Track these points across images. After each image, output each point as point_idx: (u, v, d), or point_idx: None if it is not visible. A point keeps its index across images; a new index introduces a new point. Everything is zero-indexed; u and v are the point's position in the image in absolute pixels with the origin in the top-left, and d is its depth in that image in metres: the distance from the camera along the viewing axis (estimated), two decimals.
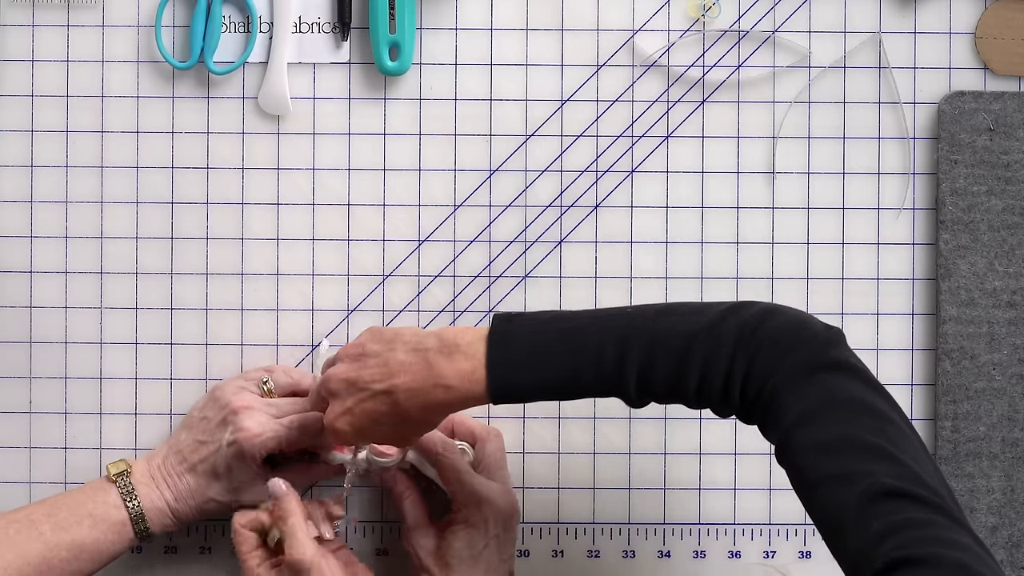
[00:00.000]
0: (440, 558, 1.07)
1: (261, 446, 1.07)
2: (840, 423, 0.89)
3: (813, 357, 0.92)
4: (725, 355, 0.93)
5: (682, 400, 0.95)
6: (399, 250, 1.16)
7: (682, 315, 0.95)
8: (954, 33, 1.16)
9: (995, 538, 1.14)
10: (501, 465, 1.11)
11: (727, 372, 0.93)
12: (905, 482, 0.86)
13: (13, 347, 1.16)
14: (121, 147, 1.16)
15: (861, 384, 0.91)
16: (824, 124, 1.16)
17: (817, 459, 0.88)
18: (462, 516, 1.07)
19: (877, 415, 0.90)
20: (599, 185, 1.16)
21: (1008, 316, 1.14)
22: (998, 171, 1.14)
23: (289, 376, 1.13)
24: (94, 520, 1.07)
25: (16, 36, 1.16)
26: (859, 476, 0.86)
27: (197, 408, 1.12)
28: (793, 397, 0.91)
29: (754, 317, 0.94)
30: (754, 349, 0.92)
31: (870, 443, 0.88)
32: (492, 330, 0.97)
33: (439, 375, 0.97)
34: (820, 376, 0.91)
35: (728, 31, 1.16)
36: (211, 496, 1.09)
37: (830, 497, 0.87)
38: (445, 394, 0.97)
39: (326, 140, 1.16)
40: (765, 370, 0.92)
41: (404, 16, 1.13)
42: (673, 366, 0.94)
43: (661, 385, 0.94)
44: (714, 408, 0.95)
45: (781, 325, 0.93)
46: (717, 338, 0.93)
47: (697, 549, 1.16)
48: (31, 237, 1.16)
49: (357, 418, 1.00)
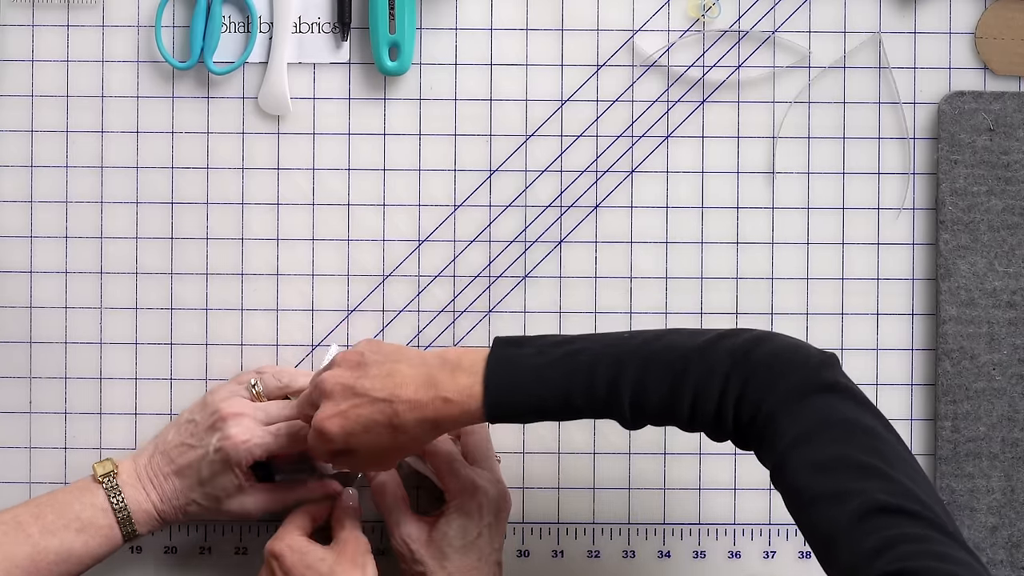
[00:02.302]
0: (434, 547, 1.07)
1: (247, 453, 1.07)
2: (834, 443, 0.90)
3: (806, 380, 0.93)
4: (718, 378, 0.94)
5: (676, 423, 0.97)
6: (399, 250, 1.16)
7: (677, 339, 0.97)
8: (954, 33, 1.16)
9: (995, 538, 1.14)
10: (488, 455, 1.11)
11: (720, 395, 0.94)
12: (898, 498, 0.86)
13: (13, 347, 1.16)
14: (121, 147, 1.16)
15: (854, 404, 0.92)
16: (824, 124, 1.16)
17: (811, 479, 0.89)
18: (456, 504, 1.07)
19: (870, 434, 0.91)
20: (599, 185, 1.16)
21: (1008, 316, 1.14)
22: (998, 171, 1.14)
23: (279, 379, 1.12)
24: (81, 523, 1.07)
25: (16, 36, 1.16)
26: (853, 494, 0.87)
27: (188, 410, 1.12)
28: (788, 420, 0.92)
29: (747, 342, 0.95)
30: (748, 373, 0.93)
31: (863, 462, 0.89)
32: (492, 350, 0.99)
33: (440, 389, 0.98)
34: (813, 398, 0.92)
35: (728, 31, 1.16)
36: (193, 499, 1.09)
37: (823, 515, 0.88)
38: (444, 407, 0.98)
39: (326, 140, 1.16)
40: (759, 394, 0.93)
41: (404, 16, 1.14)
42: (667, 388, 0.95)
43: (654, 407, 0.96)
44: (708, 432, 0.96)
45: (774, 350, 0.94)
46: (710, 361, 0.94)
47: (697, 549, 1.16)
48: (31, 237, 1.16)
49: (349, 422, 1.00)
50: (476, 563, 1.07)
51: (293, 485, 1.12)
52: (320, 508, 1.11)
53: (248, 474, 1.09)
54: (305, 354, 1.16)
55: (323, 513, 1.11)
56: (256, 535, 1.16)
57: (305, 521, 1.10)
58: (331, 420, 1.00)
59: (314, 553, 1.07)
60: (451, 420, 0.98)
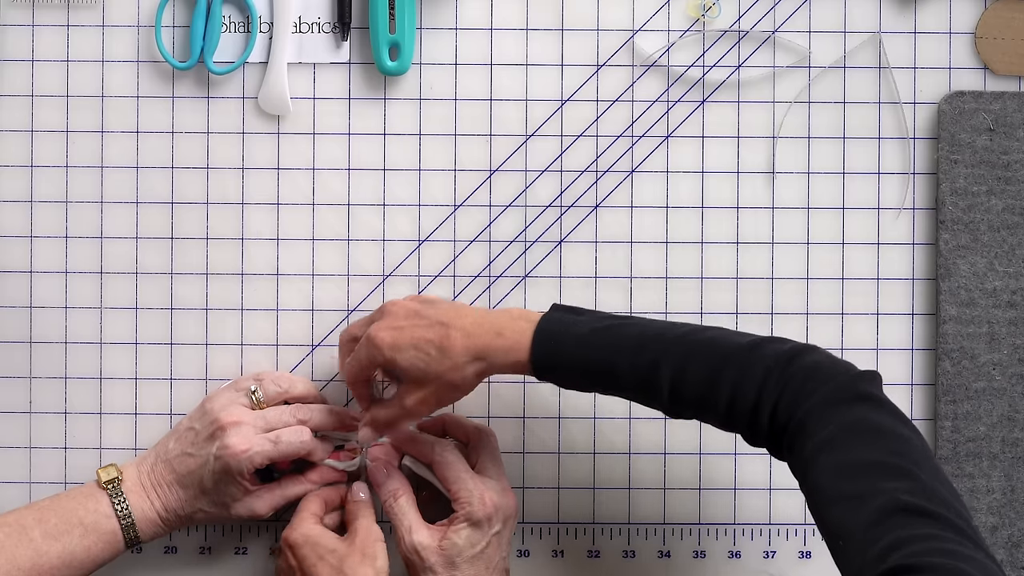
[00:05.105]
0: (443, 556, 1.07)
1: (247, 462, 1.07)
2: (862, 447, 0.91)
3: (842, 389, 0.94)
4: (758, 379, 0.96)
5: (714, 418, 0.98)
6: (399, 250, 1.16)
7: (723, 335, 0.99)
8: (954, 33, 1.16)
9: (995, 538, 1.14)
10: (497, 464, 1.11)
11: (758, 396, 0.96)
12: (919, 498, 0.87)
13: (13, 347, 1.16)
14: (121, 147, 1.16)
15: (888, 415, 0.94)
16: (824, 124, 1.16)
17: (835, 479, 0.90)
18: (465, 513, 1.07)
19: (900, 438, 0.92)
20: (599, 185, 1.16)
21: (1008, 316, 1.14)
22: (998, 171, 1.14)
23: (278, 385, 1.12)
24: (85, 529, 1.07)
25: (16, 36, 1.16)
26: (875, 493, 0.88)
27: (188, 418, 1.12)
28: (819, 424, 0.93)
29: (791, 350, 0.97)
30: (787, 378, 0.95)
31: (890, 463, 0.90)
32: (550, 311, 1.03)
33: (497, 325, 1.02)
34: (846, 407, 0.93)
35: (728, 31, 1.16)
36: (199, 507, 1.09)
37: (845, 515, 0.89)
38: (495, 340, 1.01)
39: (326, 140, 1.16)
40: (796, 399, 0.95)
41: (404, 16, 1.14)
42: (706, 379, 0.97)
43: (692, 396, 0.98)
44: (744, 433, 0.98)
45: (817, 361, 0.96)
46: (753, 362, 0.96)
47: (697, 549, 1.16)
48: (31, 237, 1.16)
49: (403, 336, 1.03)
50: (484, 571, 1.07)
51: (297, 478, 1.12)
52: (331, 492, 1.12)
53: (251, 479, 1.09)
54: (305, 354, 1.16)
55: (334, 497, 1.12)
56: (256, 535, 1.16)
57: (318, 507, 1.11)
58: (385, 331, 1.04)
59: (326, 543, 1.08)
60: (500, 354, 1.01)
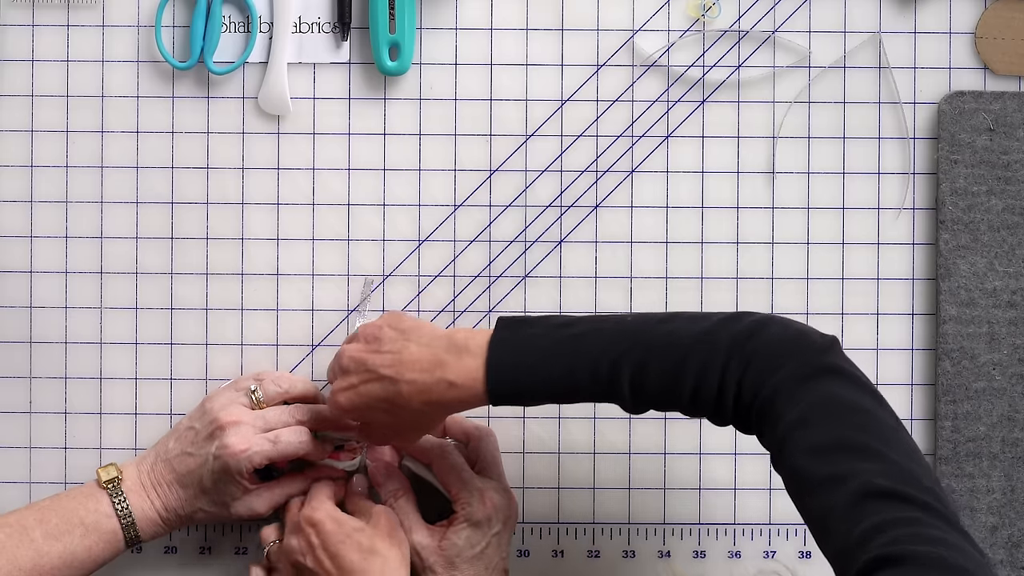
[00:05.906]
0: (443, 556, 1.07)
1: (247, 461, 1.07)
2: (832, 426, 0.90)
3: (806, 364, 0.93)
4: (720, 362, 0.94)
5: (677, 407, 0.97)
6: (399, 250, 1.16)
7: (680, 323, 0.97)
8: (954, 33, 1.16)
9: (995, 538, 1.14)
10: (496, 464, 1.11)
11: (721, 379, 0.94)
12: (894, 481, 0.87)
13: (13, 347, 1.16)
14: (121, 147, 1.16)
15: (853, 387, 0.93)
16: (824, 124, 1.16)
17: (809, 462, 0.89)
18: (465, 514, 1.08)
19: (869, 415, 0.91)
20: (599, 185, 1.16)
21: (1008, 316, 1.14)
22: (998, 171, 1.14)
23: (278, 385, 1.12)
24: (85, 529, 1.07)
25: (16, 36, 1.16)
26: (849, 477, 0.88)
27: (187, 417, 1.12)
28: (788, 403, 0.92)
29: (750, 326, 0.95)
30: (749, 357, 0.94)
31: (861, 444, 0.89)
32: (495, 333, 0.99)
33: (445, 372, 0.99)
34: (813, 381, 0.92)
35: (728, 31, 1.16)
36: (199, 507, 1.09)
37: (820, 499, 0.88)
38: (449, 391, 0.99)
39: (326, 140, 1.16)
40: (760, 377, 0.93)
41: (404, 16, 1.14)
42: (668, 371, 0.95)
43: (655, 390, 0.96)
44: (710, 416, 0.97)
45: (777, 334, 0.95)
46: (712, 345, 0.95)
47: (697, 549, 1.16)
48: (31, 237, 1.16)
49: (358, 396, 1.02)
50: (484, 572, 1.07)
51: (296, 475, 1.12)
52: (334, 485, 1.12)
53: (251, 478, 1.09)
54: (305, 354, 1.16)
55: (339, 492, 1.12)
56: (256, 535, 1.16)
57: (332, 492, 1.11)
58: (343, 394, 1.03)
59: (352, 523, 1.07)
60: (457, 402, 0.99)
